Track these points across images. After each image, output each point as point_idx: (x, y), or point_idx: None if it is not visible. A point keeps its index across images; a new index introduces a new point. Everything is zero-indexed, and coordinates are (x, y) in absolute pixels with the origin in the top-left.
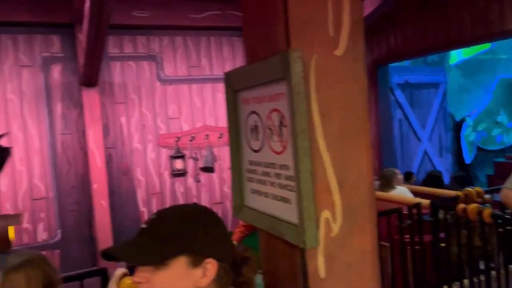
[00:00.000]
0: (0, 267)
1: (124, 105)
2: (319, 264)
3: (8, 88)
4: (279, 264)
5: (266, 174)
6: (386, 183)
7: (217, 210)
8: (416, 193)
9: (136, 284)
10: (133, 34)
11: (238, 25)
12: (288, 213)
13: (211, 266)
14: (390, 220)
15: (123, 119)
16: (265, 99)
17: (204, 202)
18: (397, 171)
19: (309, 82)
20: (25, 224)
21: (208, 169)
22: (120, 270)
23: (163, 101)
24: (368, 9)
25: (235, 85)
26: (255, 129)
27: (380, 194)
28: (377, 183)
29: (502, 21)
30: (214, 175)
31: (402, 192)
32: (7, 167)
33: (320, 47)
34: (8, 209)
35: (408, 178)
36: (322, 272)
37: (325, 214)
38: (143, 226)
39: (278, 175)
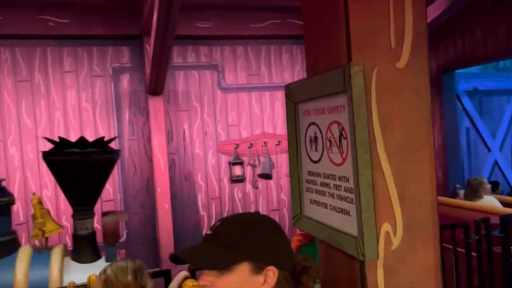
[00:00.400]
0: (109, 258)
1: (187, 113)
2: (379, 277)
3: (83, 97)
4: (338, 275)
5: (325, 185)
6: (473, 192)
7: (274, 216)
8: (505, 204)
9: (200, 287)
10: (196, 44)
11: (298, 33)
12: (347, 224)
13: (272, 274)
14: (455, 234)
15: (185, 126)
16: (325, 111)
17: (262, 208)
18: (484, 180)
19: (370, 94)
20: (95, 224)
21: (266, 176)
22: (182, 273)
23: (223, 108)
24: (433, 13)
25: (295, 97)
26: (314, 140)
27: (467, 203)
28: (462, 192)
29: None
30: (272, 182)
31: (490, 202)
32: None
33: (381, 59)
34: None
35: (495, 188)
36: (381, 285)
37: (386, 227)
38: (209, 232)
39: (337, 187)
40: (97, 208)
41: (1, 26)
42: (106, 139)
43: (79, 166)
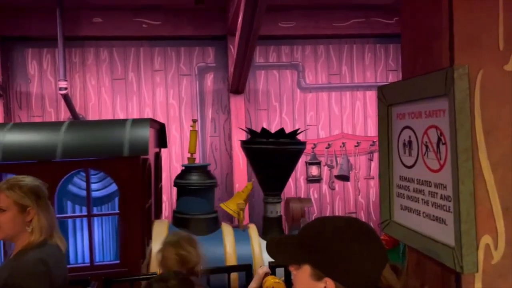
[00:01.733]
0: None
1: (266, 112)
2: None
3: (170, 94)
4: (430, 285)
5: (419, 191)
6: None
7: None
8: None
9: (279, 284)
10: (278, 44)
11: (382, 32)
12: (443, 234)
13: (328, 286)
14: None
15: (264, 125)
16: (422, 114)
17: (338, 210)
18: None
19: (473, 98)
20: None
21: (343, 178)
22: (263, 269)
23: (302, 108)
24: None
25: (389, 99)
26: (408, 144)
27: None
28: None
29: None
30: (349, 184)
31: None
32: (165, 165)
33: (487, 62)
34: (164, 201)
35: None
36: None
37: (486, 239)
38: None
39: (433, 194)
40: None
41: (101, 28)
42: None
43: (272, 154)
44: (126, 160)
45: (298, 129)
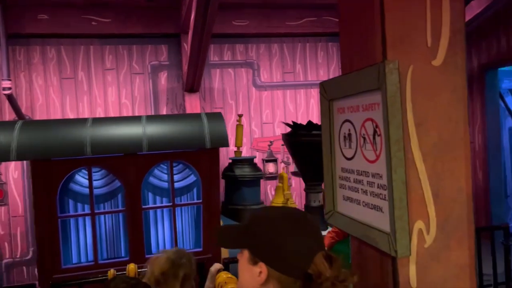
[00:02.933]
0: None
1: (222, 110)
2: (411, 274)
3: (123, 93)
4: (370, 271)
5: (359, 181)
6: None
7: None
8: None
9: (231, 279)
10: (232, 42)
11: (334, 30)
12: (380, 221)
13: (261, 270)
14: (493, 236)
15: None
16: (359, 108)
17: (295, 206)
18: None
19: (405, 92)
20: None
21: (299, 174)
22: (216, 266)
23: (258, 106)
24: (476, 9)
25: (330, 94)
26: (348, 137)
27: None
28: None
29: None
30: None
31: None
32: None
33: (417, 58)
34: None
35: None
36: (413, 282)
37: (419, 224)
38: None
39: (370, 183)
40: None
41: (47, 26)
42: None
43: (308, 146)
44: (207, 152)
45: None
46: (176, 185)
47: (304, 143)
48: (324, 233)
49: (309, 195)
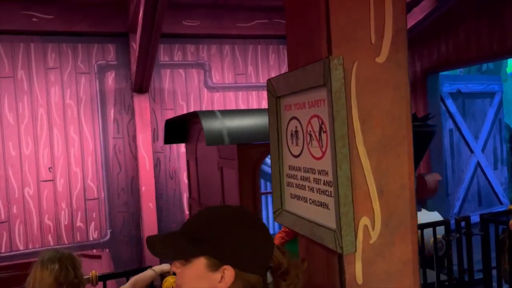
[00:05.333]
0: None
1: (173, 111)
2: (357, 271)
3: (67, 94)
4: (318, 268)
5: (306, 179)
6: None
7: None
8: None
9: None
10: (183, 42)
11: (285, 33)
12: (326, 218)
13: (228, 274)
14: (435, 232)
15: None
16: (306, 105)
17: None
18: None
19: (350, 88)
20: (78, 223)
21: None
22: (163, 267)
23: (209, 107)
24: (418, 16)
25: (277, 92)
26: (295, 134)
27: None
28: None
29: None
30: None
31: None
32: (63, 169)
33: (361, 54)
34: (63, 208)
35: None
36: (359, 279)
37: (364, 221)
38: (185, 221)
39: (317, 180)
40: (80, 208)
41: None
42: (89, 136)
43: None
44: None
45: (430, 113)
46: None
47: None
48: None
49: None
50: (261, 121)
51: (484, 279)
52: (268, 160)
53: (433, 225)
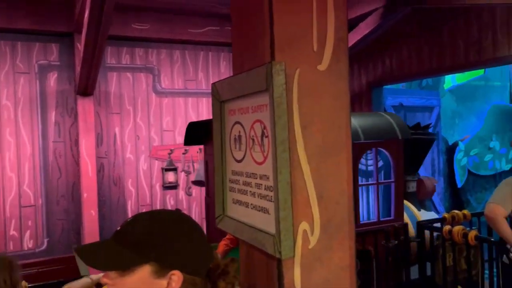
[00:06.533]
0: (427, 208)
1: (119, 116)
2: (295, 276)
3: (3, 94)
4: (257, 275)
5: (247, 184)
6: None
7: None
8: None
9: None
10: (132, 46)
11: None
12: (267, 223)
13: (176, 278)
14: (377, 238)
15: (117, 129)
16: (249, 110)
17: (195, 216)
18: None
19: (291, 94)
20: (12, 231)
21: (200, 183)
22: (99, 276)
23: (158, 113)
24: (363, 31)
25: (221, 96)
26: (238, 139)
27: None
28: None
29: (494, 48)
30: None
31: None
32: None
33: (304, 61)
34: None
35: None
36: (298, 284)
37: (303, 225)
38: (118, 229)
39: (258, 185)
40: (14, 215)
41: None
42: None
43: (414, 142)
44: (398, 141)
45: (431, 123)
46: (369, 168)
47: (411, 140)
48: None
49: (407, 183)
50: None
51: (420, 283)
52: None
53: (375, 232)
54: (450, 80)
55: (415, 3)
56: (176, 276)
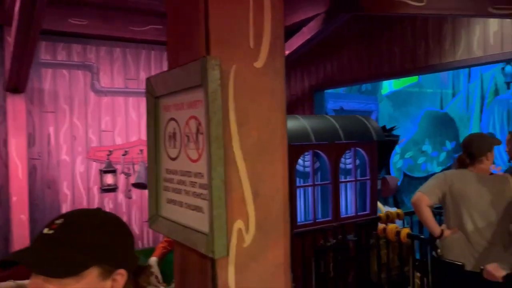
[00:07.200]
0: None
1: (54, 115)
2: (230, 275)
3: None
4: (191, 276)
5: (182, 182)
6: None
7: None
8: None
9: None
10: (69, 41)
11: None
12: (200, 222)
13: (120, 278)
14: (316, 238)
15: (51, 129)
16: (184, 106)
17: (135, 219)
18: None
19: (227, 91)
20: None
21: (141, 185)
22: None
23: (96, 112)
24: (306, 35)
25: (156, 91)
26: (173, 136)
27: None
28: None
29: (427, 56)
30: (147, 192)
31: None
32: None
33: (240, 57)
34: None
35: None
36: (232, 283)
37: (238, 224)
38: (48, 232)
39: (193, 184)
40: None
41: None
42: None
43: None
44: (373, 143)
45: (395, 126)
46: (348, 166)
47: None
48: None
49: None
50: (294, 124)
51: (357, 280)
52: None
53: (313, 231)
54: (387, 86)
55: (355, 10)
56: (120, 276)
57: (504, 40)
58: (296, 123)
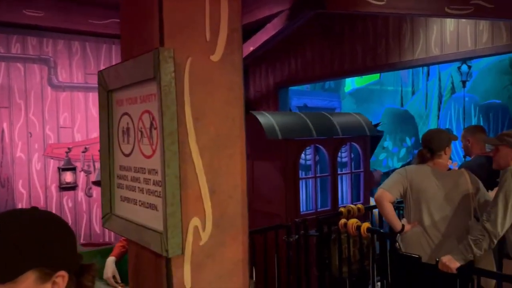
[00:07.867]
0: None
1: (8, 110)
2: (185, 274)
3: None
4: (146, 276)
5: (136, 179)
6: None
7: None
8: None
9: None
10: (23, 34)
11: None
12: (154, 220)
13: (61, 280)
14: (278, 234)
15: (5, 125)
16: (137, 100)
17: (96, 218)
18: None
19: (182, 84)
20: None
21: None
22: None
23: (54, 108)
24: (270, 32)
25: (108, 85)
26: (126, 132)
27: None
28: None
29: (387, 55)
30: None
31: None
32: None
33: (195, 50)
34: None
35: None
36: (188, 282)
37: (195, 221)
38: None
39: (147, 181)
40: None
41: None
42: None
43: None
44: (366, 137)
45: (380, 122)
46: (343, 159)
47: None
48: None
49: None
50: (296, 119)
51: (319, 275)
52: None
53: (276, 228)
54: (350, 84)
55: (318, 8)
56: (61, 277)
57: (460, 39)
58: (299, 119)
